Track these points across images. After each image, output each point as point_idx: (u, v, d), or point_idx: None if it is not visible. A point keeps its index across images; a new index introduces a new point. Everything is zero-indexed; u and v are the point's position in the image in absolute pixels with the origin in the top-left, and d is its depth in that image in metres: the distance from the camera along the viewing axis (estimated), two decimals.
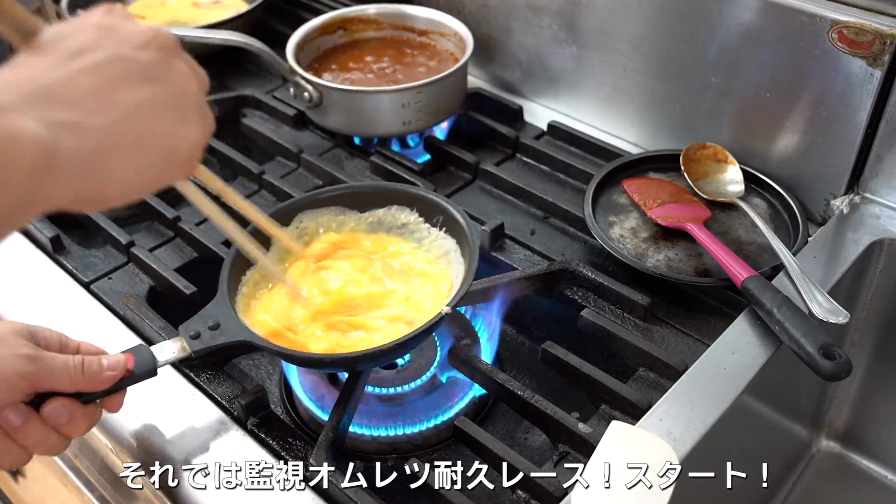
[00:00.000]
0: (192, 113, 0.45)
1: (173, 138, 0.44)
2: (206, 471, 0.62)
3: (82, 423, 0.55)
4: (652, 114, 0.95)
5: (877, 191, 0.82)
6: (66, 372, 0.54)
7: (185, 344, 0.61)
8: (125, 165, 0.42)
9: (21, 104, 0.37)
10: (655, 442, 0.58)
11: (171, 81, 0.44)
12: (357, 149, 1.00)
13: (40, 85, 0.39)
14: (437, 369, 0.75)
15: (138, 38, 0.44)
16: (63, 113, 0.39)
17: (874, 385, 0.86)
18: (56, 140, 0.38)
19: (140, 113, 0.42)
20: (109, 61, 0.42)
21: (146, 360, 0.58)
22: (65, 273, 0.81)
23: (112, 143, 0.41)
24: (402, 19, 1.07)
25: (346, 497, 0.58)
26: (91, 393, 0.55)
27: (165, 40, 0.45)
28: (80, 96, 0.40)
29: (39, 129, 0.37)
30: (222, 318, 0.63)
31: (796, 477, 0.89)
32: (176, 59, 0.46)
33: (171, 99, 0.44)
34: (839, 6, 0.76)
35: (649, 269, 0.76)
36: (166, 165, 0.44)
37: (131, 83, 0.42)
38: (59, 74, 0.40)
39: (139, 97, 0.42)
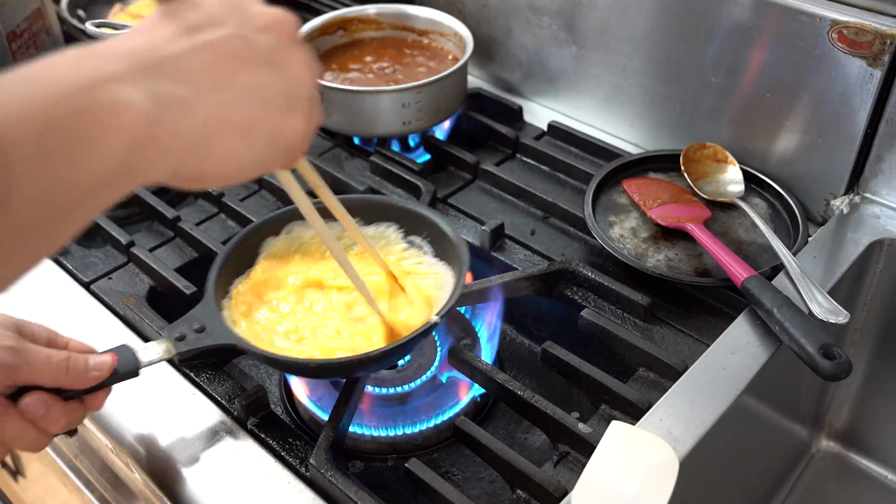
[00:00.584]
0: (302, 103, 0.45)
1: (280, 126, 0.44)
2: (206, 471, 0.62)
3: (60, 419, 0.54)
4: (652, 114, 0.95)
5: (877, 191, 0.82)
6: (48, 366, 0.53)
7: (169, 346, 0.60)
8: (228, 147, 0.41)
9: (132, 74, 0.37)
10: (655, 442, 0.58)
11: (287, 69, 0.44)
12: (357, 149, 1.00)
13: (156, 56, 0.39)
14: (437, 369, 0.75)
15: (263, 20, 0.44)
16: (174, 87, 0.39)
17: (874, 385, 0.87)
18: (161, 114, 0.37)
19: (252, 96, 0.42)
20: (230, 40, 0.42)
21: (129, 361, 0.58)
22: (65, 273, 0.81)
23: (218, 123, 0.40)
24: (402, 19, 1.07)
25: (346, 497, 0.58)
26: (72, 390, 0.54)
27: (289, 26, 0.45)
28: (195, 72, 0.40)
29: (145, 101, 0.37)
30: (208, 322, 0.62)
31: (796, 477, 0.89)
32: (295, 46, 0.45)
33: (284, 87, 0.44)
34: (839, 6, 0.76)
35: (649, 269, 0.76)
36: (269, 152, 0.44)
37: (248, 65, 0.42)
38: (177, 47, 0.40)
39: (253, 81, 0.42)
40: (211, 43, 0.41)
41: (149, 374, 0.60)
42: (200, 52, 0.40)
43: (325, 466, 0.59)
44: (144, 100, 0.37)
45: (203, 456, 0.63)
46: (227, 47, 0.41)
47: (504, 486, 0.64)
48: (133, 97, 0.36)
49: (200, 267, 0.81)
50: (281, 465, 0.63)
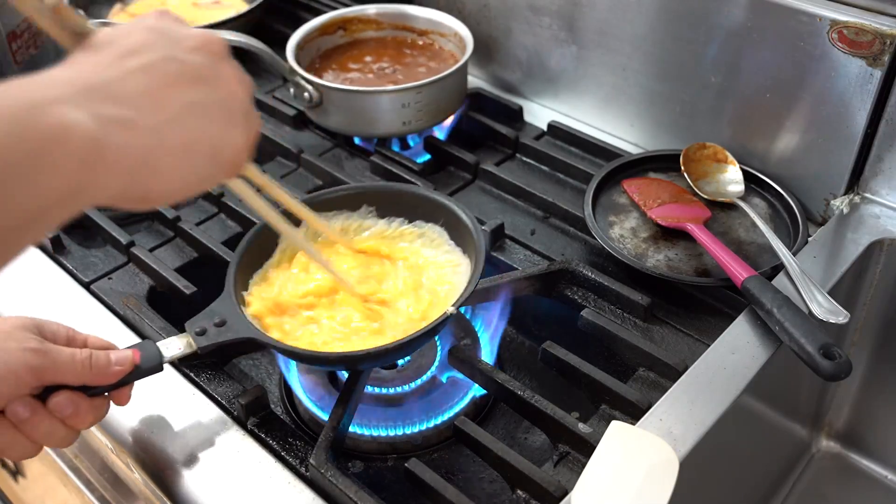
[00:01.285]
0: (239, 116, 0.46)
1: (220, 140, 0.45)
2: (206, 471, 0.62)
3: (88, 416, 0.56)
4: (652, 114, 0.95)
5: (877, 191, 0.82)
6: (73, 365, 0.54)
7: (191, 340, 0.61)
8: (172, 165, 0.42)
9: (73, 98, 0.38)
10: (655, 442, 0.58)
11: (220, 85, 0.45)
12: (357, 149, 1.00)
13: (93, 81, 0.40)
14: (437, 369, 0.75)
15: (190, 41, 0.45)
16: (115, 109, 0.39)
17: (874, 385, 0.87)
18: (106, 134, 0.38)
19: (190, 114, 0.43)
20: (162, 62, 0.43)
21: (153, 356, 0.59)
22: (65, 273, 0.81)
23: (161, 142, 0.41)
24: (402, 19, 1.07)
25: (346, 497, 0.58)
26: (97, 386, 0.56)
27: (216, 45, 0.46)
28: (132, 94, 0.41)
29: (90, 122, 0.38)
30: (228, 316, 0.63)
31: (796, 477, 0.89)
32: (225, 63, 0.47)
33: (219, 102, 0.45)
34: (839, 6, 0.76)
35: (649, 269, 0.76)
36: (212, 167, 0.45)
37: (182, 84, 0.43)
38: (112, 73, 0.41)
39: (190, 98, 0.43)
40: (143, 66, 0.42)
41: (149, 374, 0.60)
42: (136, 74, 0.42)
43: (325, 466, 0.59)
44: (89, 120, 0.38)
45: (203, 456, 0.63)
46: (160, 69, 0.43)
47: (504, 486, 0.64)
48: (78, 118, 0.37)
49: (200, 267, 0.81)
50: (281, 465, 0.63)
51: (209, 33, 0.47)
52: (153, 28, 0.45)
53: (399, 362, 0.76)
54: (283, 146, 0.97)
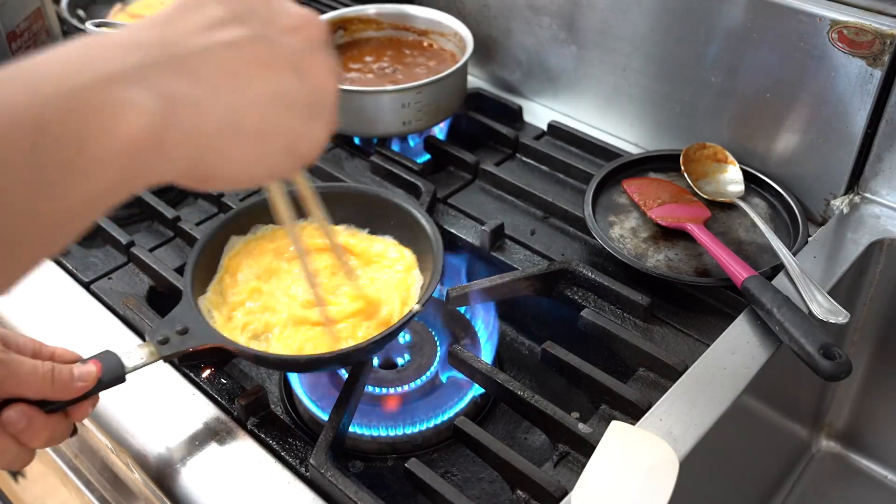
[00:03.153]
0: (323, 111, 0.43)
1: (298, 134, 0.42)
2: (206, 471, 0.62)
3: (42, 432, 0.51)
4: (652, 114, 0.95)
5: (877, 191, 0.82)
6: (34, 378, 0.51)
7: (153, 349, 0.59)
8: (241, 152, 0.39)
9: (140, 70, 0.35)
10: (655, 442, 0.58)
11: (311, 75, 0.42)
12: (357, 149, 1.00)
13: (170, 52, 0.37)
14: (437, 369, 0.75)
15: (290, 20, 0.42)
16: (188, 87, 0.36)
17: (874, 385, 0.87)
18: (169, 117, 0.35)
19: (269, 102, 0.40)
20: (253, 40, 0.39)
21: (114, 368, 0.56)
22: (65, 273, 0.81)
23: (232, 127, 0.38)
24: (402, 19, 1.07)
25: (346, 497, 0.58)
26: (56, 402, 0.53)
27: (316, 29, 0.43)
28: (212, 71, 0.37)
29: (151, 101, 0.35)
30: (191, 322, 0.62)
31: (796, 477, 0.89)
32: (322, 51, 0.43)
33: (306, 94, 0.41)
34: (839, 6, 0.76)
35: (649, 269, 0.76)
36: (284, 159, 0.42)
37: (269, 69, 0.40)
38: (194, 44, 0.38)
39: (275, 85, 0.40)
40: (231, 43, 0.39)
41: (149, 374, 0.60)
42: (219, 51, 0.38)
43: (325, 466, 0.59)
44: (151, 100, 0.35)
45: (203, 456, 0.63)
46: (249, 49, 0.39)
47: (504, 486, 0.64)
48: (137, 98, 0.34)
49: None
50: (281, 465, 0.63)
51: (311, 14, 0.43)
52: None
53: (399, 362, 0.76)
54: None
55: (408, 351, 0.77)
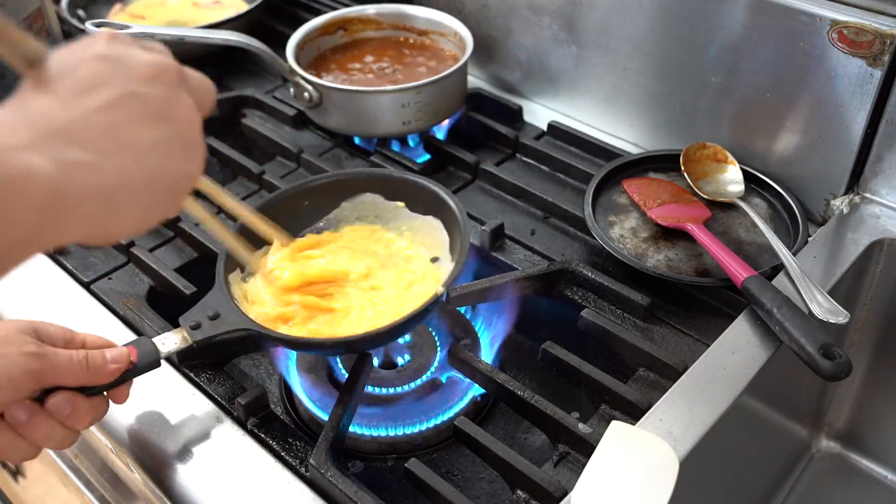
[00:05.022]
0: (194, 147, 0.46)
1: (178, 174, 0.45)
2: (206, 471, 0.62)
3: (86, 416, 0.56)
4: (652, 114, 0.95)
5: (877, 191, 0.82)
6: (70, 367, 0.54)
7: (186, 334, 0.61)
8: (134, 204, 0.42)
9: (34, 143, 0.38)
10: (655, 442, 0.58)
11: (178, 118, 0.45)
12: (357, 149, 1.00)
13: (54, 125, 0.39)
14: (437, 369, 0.75)
15: (147, 70, 0.44)
16: (77, 153, 0.39)
17: (874, 385, 0.87)
18: (68, 180, 0.38)
19: (151, 153, 0.42)
20: (121, 99, 0.42)
21: (149, 352, 0.59)
22: (65, 273, 0.81)
23: (124, 183, 0.41)
24: (402, 19, 1.07)
25: (346, 497, 0.58)
26: (95, 386, 0.56)
27: (171, 73, 0.45)
28: (95, 136, 0.40)
29: (51, 168, 0.37)
30: (222, 308, 0.64)
31: (796, 477, 0.89)
32: (181, 91, 0.45)
33: (179, 136, 0.44)
34: (839, 6, 0.76)
35: (649, 269, 0.76)
36: (170, 200, 0.45)
37: (143, 122, 0.42)
38: (71, 113, 0.40)
39: (151, 137, 0.43)
40: (103, 105, 0.41)
41: (149, 374, 0.60)
42: (97, 114, 0.41)
43: (325, 466, 0.59)
44: (51, 167, 0.37)
45: (203, 456, 0.63)
46: (121, 107, 0.42)
47: (504, 486, 0.64)
48: (39, 164, 0.37)
49: (200, 267, 0.81)
50: (281, 465, 0.63)
51: (162, 59, 0.45)
52: (106, 57, 0.43)
53: (399, 362, 0.76)
54: (283, 146, 0.97)
55: (408, 351, 0.77)
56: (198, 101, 0.47)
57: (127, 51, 0.45)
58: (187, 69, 0.47)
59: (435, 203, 0.75)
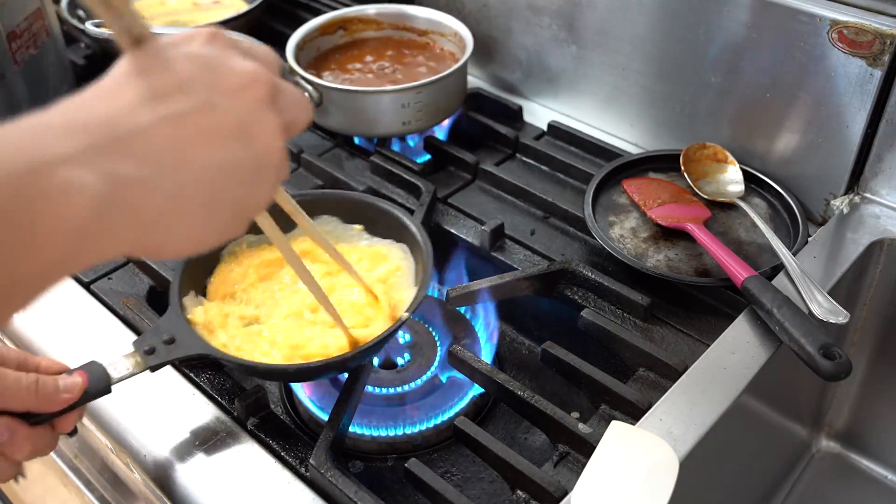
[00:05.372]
0: (269, 173, 0.42)
1: (245, 198, 0.41)
2: (206, 471, 0.62)
3: (25, 445, 0.51)
4: (652, 114, 0.95)
5: (877, 191, 0.82)
6: (17, 390, 0.51)
7: (139, 359, 0.59)
8: (188, 226, 0.39)
9: (86, 153, 0.35)
10: (655, 442, 0.58)
11: (256, 139, 0.40)
12: (357, 149, 1.00)
13: (115, 132, 0.36)
14: (437, 369, 0.75)
15: (236, 80, 0.40)
16: (132, 168, 0.36)
17: (874, 385, 0.87)
18: (114, 197, 0.35)
19: (215, 175, 0.39)
20: (197, 110, 0.38)
21: (100, 379, 0.56)
22: None
23: (178, 204, 0.38)
24: (402, 19, 1.07)
25: (346, 497, 0.58)
26: (41, 414, 0.52)
27: (263, 86, 0.41)
28: (156, 151, 0.37)
29: (97, 183, 0.34)
30: (177, 332, 0.61)
31: (796, 477, 0.89)
32: (269, 110, 0.41)
33: (251, 160, 0.40)
34: (839, 6, 0.76)
35: (649, 269, 0.76)
36: (232, 224, 0.41)
37: (214, 140, 0.39)
38: (138, 120, 0.37)
39: (219, 158, 0.39)
40: (176, 116, 0.38)
41: (149, 374, 0.60)
42: (163, 126, 0.37)
43: (325, 466, 0.59)
44: (96, 182, 0.34)
45: (203, 456, 0.63)
46: (193, 121, 0.38)
47: (504, 486, 0.64)
48: (85, 179, 0.34)
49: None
50: (281, 465, 0.63)
51: (256, 70, 0.41)
52: (199, 57, 0.40)
53: (399, 362, 0.76)
54: None
55: (408, 351, 0.77)
56: (287, 121, 0.43)
57: (223, 54, 0.41)
58: (284, 83, 0.43)
59: (396, 226, 0.73)
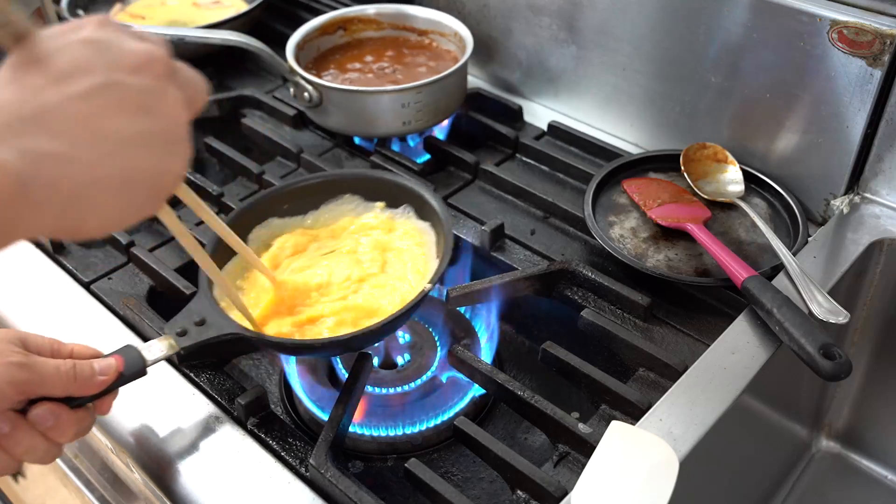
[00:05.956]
0: (178, 145, 0.43)
1: (160, 171, 0.42)
2: (206, 471, 0.62)
3: (69, 428, 0.54)
4: (652, 114, 0.95)
5: (877, 191, 0.82)
6: (58, 377, 0.53)
7: (172, 342, 0.60)
8: (108, 199, 0.40)
9: (2, 131, 0.36)
10: (655, 442, 0.58)
11: (162, 112, 0.42)
12: (357, 149, 1.00)
13: (27, 111, 0.38)
14: (437, 369, 0.75)
15: (133, 59, 0.42)
16: (47, 143, 0.37)
17: (874, 385, 0.86)
18: (34, 172, 0.36)
19: (128, 147, 0.40)
20: (102, 87, 0.40)
21: (135, 361, 0.58)
22: (65, 273, 0.81)
23: (96, 177, 0.39)
24: (402, 19, 1.07)
25: (346, 497, 0.58)
26: (81, 397, 0.55)
27: (160, 64, 0.43)
28: (68, 125, 0.38)
29: (16, 160, 0.36)
30: (208, 314, 0.62)
31: (796, 477, 0.89)
32: (169, 85, 0.43)
33: (160, 131, 0.42)
34: (839, 6, 0.76)
35: (649, 269, 0.76)
36: (148, 199, 0.43)
37: (122, 114, 0.40)
38: (47, 99, 0.38)
39: (129, 130, 0.40)
40: (82, 93, 0.39)
41: (149, 375, 0.60)
42: (73, 102, 0.39)
43: (325, 466, 0.59)
44: (16, 158, 0.36)
45: (203, 456, 0.63)
46: (100, 96, 0.40)
47: (504, 486, 0.64)
48: (4, 155, 0.35)
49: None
50: (281, 465, 0.63)
51: (152, 48, 0.43)
52: (93, 41, 0.41)
53: (399, 362, 0.76)
54: (283, 146, 0.97)
55: (408, 351, 0.77)
56: (188, 97, 0.44)
57: (116, 37, 0.42)
58: (178, 63, 0.45)
59: (416, 202, 0.74)
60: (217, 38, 0.95)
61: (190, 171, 0.89)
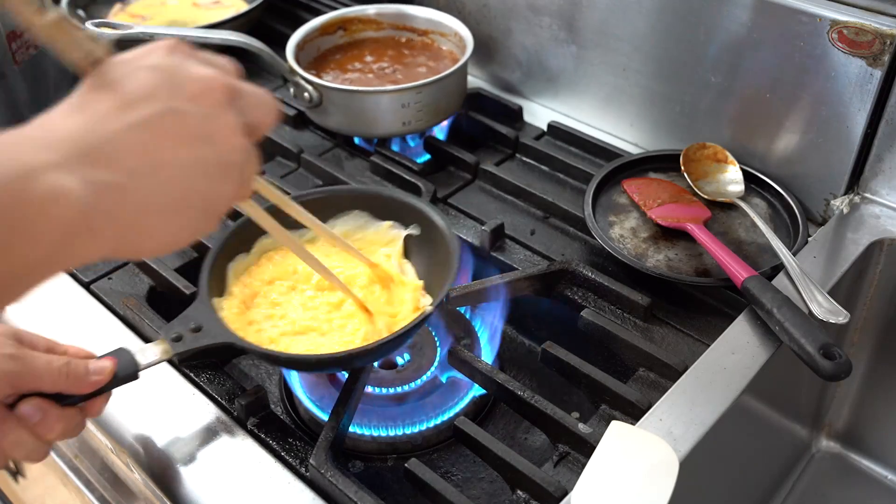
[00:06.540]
0: (232, 169, 0.45)
1: (214, 195, 0.44)
2: (205, 471, 0.62)
3: (56, 425, 0.53)
4: (652, 114, 0.95)
5: (877, 191, 0.82)
6: (49, 372, 0.52)
7: (167, 347, 0.60)
8: (163, 224, 0.42)
9: (67, 161, 0.38)
10: (655, 442, 0.58)
11: (219, 140, 0.44)
12: (357, 149, 1.00)
13: (91, 141, 0.40)
14: (437, 369, 0.75)
15: (194, 86, 0.43)
16: (107, 173, 0.39)
17: (874, 385, 0.86)
18: (96, 201, 0.38)
19: (184, 174, 0.42)
20: (161, 116, 0.42)
21: (128, 364, 0.57)
22: (65, 273, 0.81)
23: (152, 205, 0.41)
24: (402, 19, 1.07)
25: (346, 497, 0.58)
26: (72, 396, 0.54)
27: (218, 92, 0.44)
28: (128, 155, 0.40)
29: (80, 189, 0.38)
30: (204, 321, 0.62)
31: (796, 477, 0.89)
32: (227, 111, 0.45)
33: (216, 158, 0.44)
34: (839, 6, 0.76)
35: (649, 269, 0.76)
36: (204, 221, 0.45)
37: (179, 141, 0.42)
38: (110, 128, 0.40)
39: (186, 158, 0.42)
40: (144, 121, 0.41)
41: (149, 374, 0.60)
42: (133, 132, 0.41)
43: (325, 466, 0.59)
44: (79, 187, 0.38)
45: (203, 456, 0.63)
46: (160, 125, 0.41)
47: (504, 486, 0.64)
48: (68, 185, 0.37)
49: (200, 267, 0.81)
50: (281, 465, 0.63)
51: (213, 75, 0.45)
52: (159, 68, 0.43)
53: (399, 362, 0.76)
54: (283, 146, 0.97)
55: (408, 351, 0.77)
56: (254, 120, 0.46)
57: (181, 62, 0.44)
58: (246, 86, 0.47)
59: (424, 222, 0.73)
60: (217, 38, 0.95)
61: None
